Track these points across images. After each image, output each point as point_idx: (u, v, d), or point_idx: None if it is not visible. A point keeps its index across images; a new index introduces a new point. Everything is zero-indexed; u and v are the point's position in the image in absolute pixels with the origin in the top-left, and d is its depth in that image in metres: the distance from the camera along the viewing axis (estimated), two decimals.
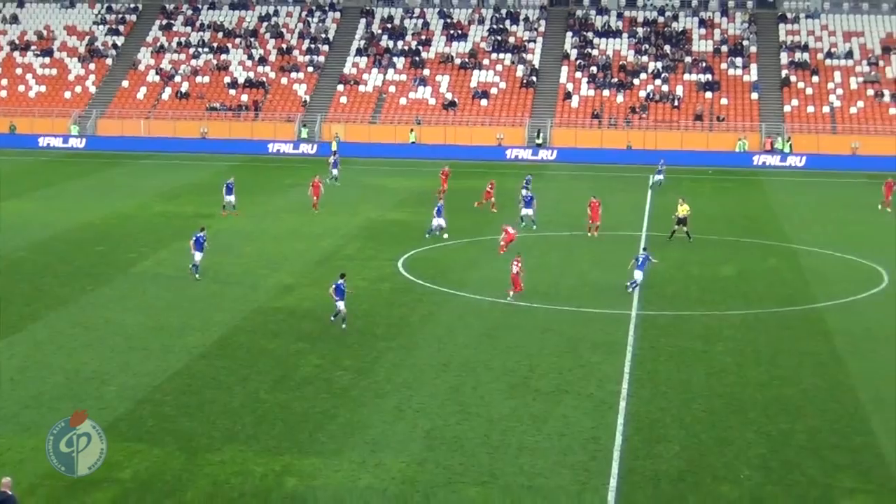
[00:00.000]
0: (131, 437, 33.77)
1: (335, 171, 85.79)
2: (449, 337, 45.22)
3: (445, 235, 63.98)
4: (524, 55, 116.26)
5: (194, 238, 53.22)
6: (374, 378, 39.95)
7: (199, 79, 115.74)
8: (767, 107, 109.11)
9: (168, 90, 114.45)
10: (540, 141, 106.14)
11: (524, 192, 73.81)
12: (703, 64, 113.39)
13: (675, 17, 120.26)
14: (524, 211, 67.94)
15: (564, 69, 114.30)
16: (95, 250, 61.06)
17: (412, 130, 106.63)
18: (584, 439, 34.50)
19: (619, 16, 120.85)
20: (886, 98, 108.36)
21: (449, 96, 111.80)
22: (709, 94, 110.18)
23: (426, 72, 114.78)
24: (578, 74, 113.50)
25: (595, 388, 39.31)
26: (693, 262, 59.52)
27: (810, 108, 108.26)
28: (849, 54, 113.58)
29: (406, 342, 44.42)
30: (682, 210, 65.17)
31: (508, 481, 31.25)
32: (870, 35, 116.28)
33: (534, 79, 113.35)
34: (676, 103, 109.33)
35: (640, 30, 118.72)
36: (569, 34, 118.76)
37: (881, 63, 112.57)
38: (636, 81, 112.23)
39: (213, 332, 45.37)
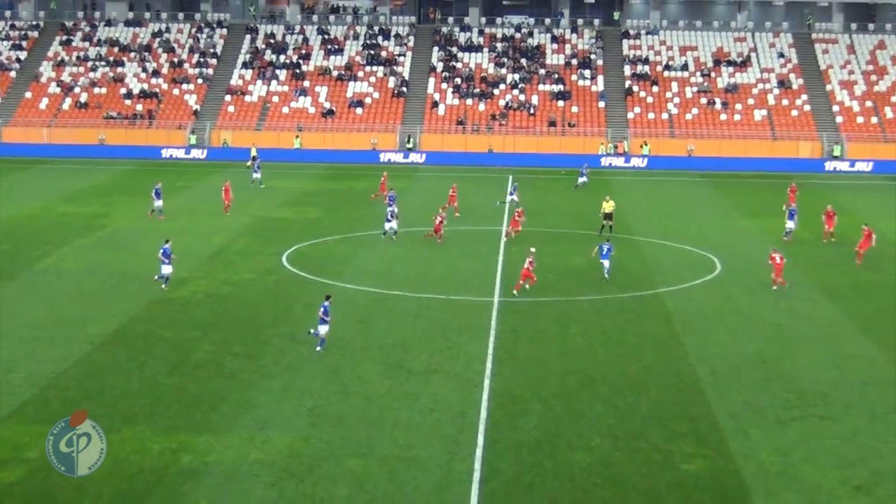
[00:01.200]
0: (38, 420, 33.17)
1: (256, 175, 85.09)
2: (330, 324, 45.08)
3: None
4: (395, 68, 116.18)
5: (161, 250, 50.64)
6: (262, 362, 39.73)
7: (96, 90, 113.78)
8: (613, 114, 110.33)
9: (68, 100, 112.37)
10: (410, 145, 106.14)
11: (512, 196, 73.36)
12: (556, 76, 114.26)
13: (531, 34, 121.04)
14: (391, 209, 67.87)
15: (432, 80, 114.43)
16: (1, 248, 59.80)
17: (297, 137, 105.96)
18: (452, 414, 34.65)
19: (481, 32, 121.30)
20: (717, 105, 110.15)
21: (327, 105, 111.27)
22: (561, 103, 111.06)
23: (306, 83, 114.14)
24: (444, 85, 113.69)
25: (462, 367, 39.47)
26: (548, 253, 59.91)
27: (651, 115, 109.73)
28: (684, 67, 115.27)
29: (291, 329, 44.18)
30: (608, 206, 65.99)
31: (385, 453, 31.30)
32: (703, 49, 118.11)
33: (404, 89, 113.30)
34: (532, 111, 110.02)
35: (499, 45, 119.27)
36: (435, 49, 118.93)
37: (713, 74, 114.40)
38: (496, 91, 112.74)
39: (113, 322, 44.74)
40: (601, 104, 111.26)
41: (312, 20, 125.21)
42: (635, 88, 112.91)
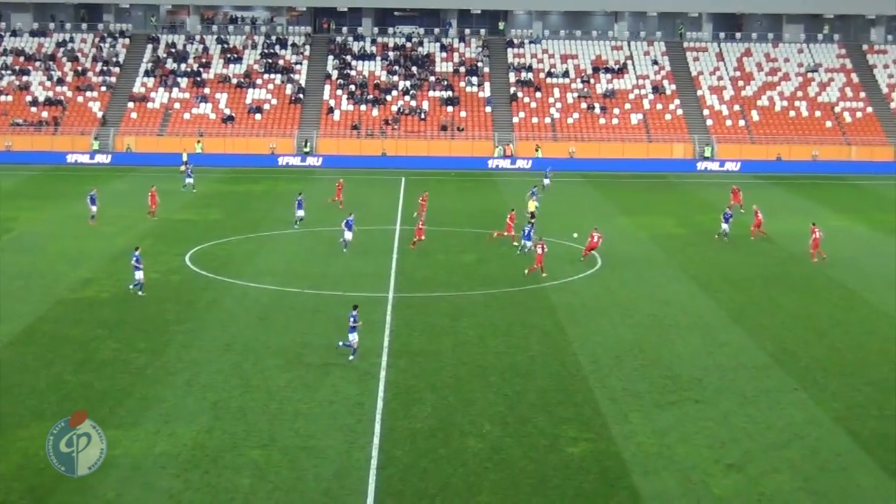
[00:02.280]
0: None
1: (189, 180, 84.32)
2: (231, 320, 44.72)
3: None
4: (292, 75, 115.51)
5: (133, 257, 49.14)
6: (167, 358, 39.25)
7: (3, 98, 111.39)
8: (499, 118, 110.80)
9: None
10: (308, 149, 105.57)
11: (533, 200, 72.46)
12: (445, 82, 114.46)
13: (421, 43, 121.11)
14: (298, 213, 67.34)
15: (327, 87, 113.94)
16: None
17: (198, 142, 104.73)
18: (350, 405, 34.57)
19: (374, 42, 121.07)
20: (597, 110, 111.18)
21: (227, 112, 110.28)
22: (450, 108, 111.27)
23: (207, 90, 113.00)
24: (339, 92, 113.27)
25: (359, 360, 39.36)
26: (439, 250, 60.06)
27: (535, 119, 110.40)
28: (565, 73, 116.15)
29: (194, 326, 43.76)
30: (531, 205, 68.86)
31: (286, 444, 31.13)
32: (582, 57, 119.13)
33: (301, 96, 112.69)
34: (423, 116, 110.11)
35: (391, 53, 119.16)
36: (330, 57, 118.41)
37: (592, 81, 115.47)
38: (388, 98, 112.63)
39: (20, 322, 43.87)
40: (488, 109, 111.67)
41: (212, 30, 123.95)
42: (520, 94, 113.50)
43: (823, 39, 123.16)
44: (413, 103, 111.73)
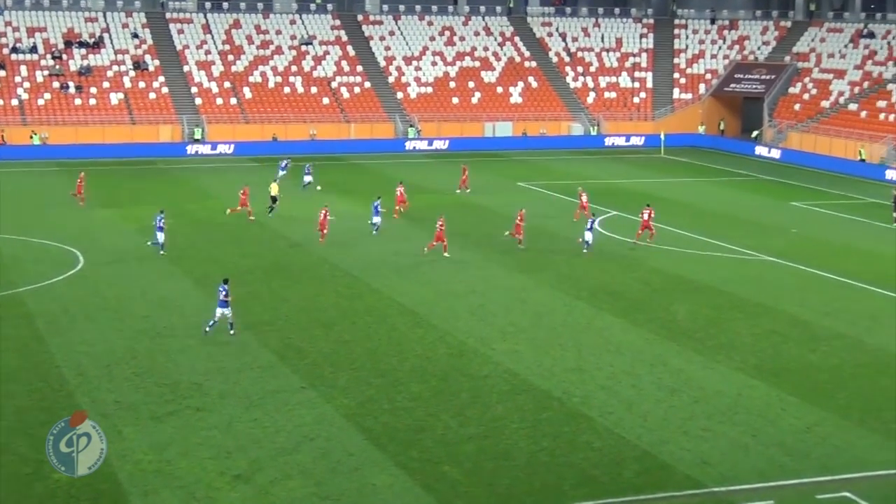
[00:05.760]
0: None
1: None
2: None
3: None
4: None
5: None
6: None
7: None
8: None
9: None
10: None
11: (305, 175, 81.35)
12: None
13: None
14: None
15: None
16: None
17: None
18: None
19: None
20: (71, 90, 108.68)
21: None
22: None
23: None
24: None
25: None
26: None
27: (0, 101, 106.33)
28: (33, 49, 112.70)
29: None
30: (274, 189, 71.38)
31: None
32: (52, 31, 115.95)
33: None
34: None
35: None
36: None
37: (64, 57, 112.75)
38: None
39: None
40: None
41: None
42: None
43: (317, 10, 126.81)
44: None
